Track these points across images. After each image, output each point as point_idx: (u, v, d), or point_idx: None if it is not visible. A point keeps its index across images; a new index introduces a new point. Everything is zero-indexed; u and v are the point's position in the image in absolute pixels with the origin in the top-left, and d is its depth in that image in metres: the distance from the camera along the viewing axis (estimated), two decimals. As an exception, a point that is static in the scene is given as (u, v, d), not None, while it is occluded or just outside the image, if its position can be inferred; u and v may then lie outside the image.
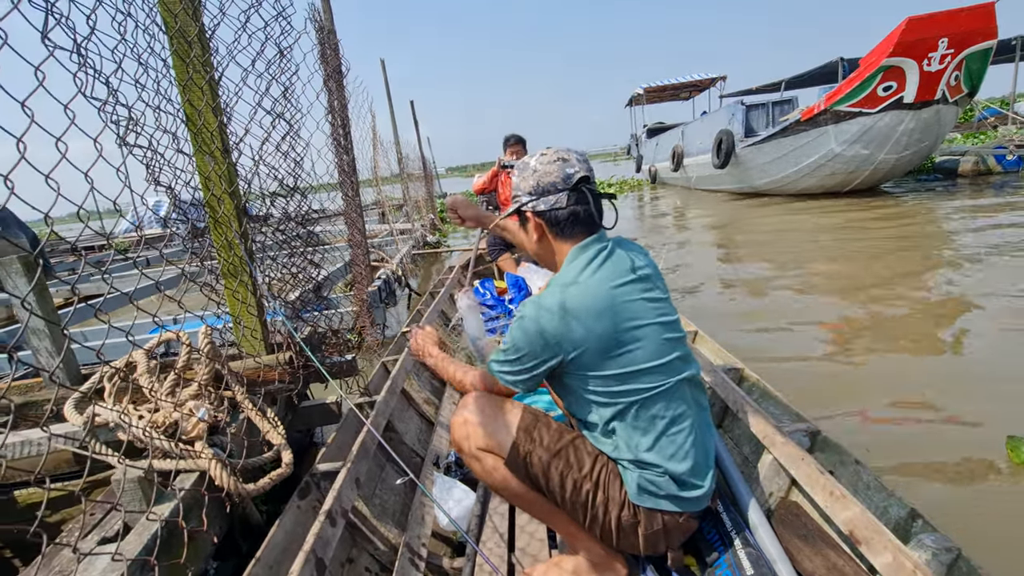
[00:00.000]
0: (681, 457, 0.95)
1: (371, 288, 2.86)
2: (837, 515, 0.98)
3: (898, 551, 0.84)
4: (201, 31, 1.42)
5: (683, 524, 0.99)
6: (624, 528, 0.98)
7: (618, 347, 0.93)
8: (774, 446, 1.22)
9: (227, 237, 1.47)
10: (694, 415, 0.99)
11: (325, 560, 1.04)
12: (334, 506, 1.14)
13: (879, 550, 0.87)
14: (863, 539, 0.91)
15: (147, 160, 1.24)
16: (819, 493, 1.04)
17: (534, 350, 0.96)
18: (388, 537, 1.33)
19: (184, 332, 1.49)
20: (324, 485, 1.33)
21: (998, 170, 8.45)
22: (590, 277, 0.96)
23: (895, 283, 3.56)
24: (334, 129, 2.45)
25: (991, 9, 5.99)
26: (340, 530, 1.14)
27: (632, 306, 0.95)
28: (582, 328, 0.92)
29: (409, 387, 2.02)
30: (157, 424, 1.21)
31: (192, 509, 1.09)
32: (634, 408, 0.95)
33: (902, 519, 0.99)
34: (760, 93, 11.56)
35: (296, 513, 1.22)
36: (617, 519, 0.97)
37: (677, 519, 0.98)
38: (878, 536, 0.88)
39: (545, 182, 1.01)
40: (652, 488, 0.95)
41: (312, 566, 0.99)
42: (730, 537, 1.11)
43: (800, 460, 1.12)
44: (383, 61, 7.08)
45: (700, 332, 2.08)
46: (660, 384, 0.95)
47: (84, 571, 0.85)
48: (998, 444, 1.72)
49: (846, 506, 0.97)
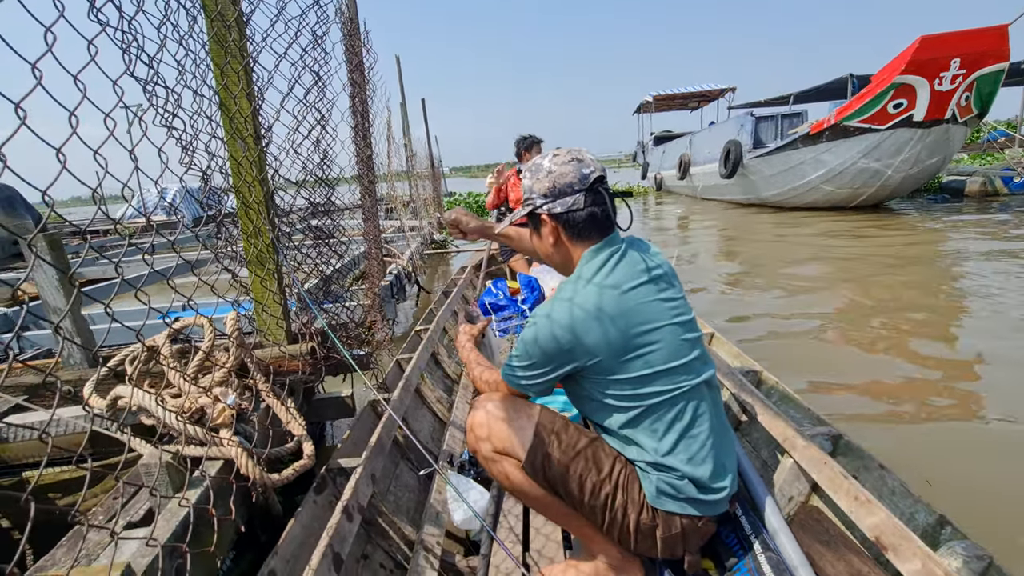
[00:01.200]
0: (700, 460, 0.94)
1: (383, 283, 2.85)
2: (862, 520, 0.96)
3: (928, 558, 0.82)
4: (239, 16, 1.42)
5: (702, 528, 0.98)
6: (642, 531, 0.97)
7: (634, 351, 0.92)
8: (795, 449, 1.20)
9: (256, 224, 1.45)
10: (712, 417, 0.98)
11: (342, 555, 1.03)
12: (351, 501, 1.14)
13: (907, 557, 0.85)
14: (890, 545, 0.89)
15: (183, 143, 1.23)
16: (842, 498, 1.02)
17: (546, 357, 0.94)
18: (403, 534, 1.32)
19: (207, 318, 1.47)
20: (340, 480, 1.32)
21: (1005, 192, 8.49)
22: (603, 280, 0.94)
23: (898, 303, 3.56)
24: (356, 121, 2.44)
25: (1004, 31, 6.02)
26: (356, 525, 1.13)
27: (647, 308, 0.94)
28: (596, 334, 0.90)
29: (423, 385, 2.02)
30: (184, 410, 1.20)
31: (219, 497, 1.08)
32: (653, 412, 0.93)
33: (930, 526, 0.96)
34: (769, 106, 11.61)
35: (313, 507, 1.21)
36: (636, 522, 0.96)
37: (696, 523, 0.96)
38: (906, 543, 0.86)
39: (562, 183, 0.97)
40: (671, 491, 0.94)
41: (330, 560, 0.98)
42: (749, 541, 1.08)
43: (822, 464, 1.10)
44: (398, 58, 7.08)
45: (717, 334, 2.06)
46: (679, 387, 0.93)
47: (115, 555, 0.84)
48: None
49: (871, 511, 0.94)
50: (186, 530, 0.93)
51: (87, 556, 0.91)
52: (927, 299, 3.58)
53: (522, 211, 1.06)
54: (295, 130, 1.58)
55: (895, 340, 2.87)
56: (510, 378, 1.02)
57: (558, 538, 1.26)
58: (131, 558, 0.85)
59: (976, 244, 5.20)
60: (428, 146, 9.90)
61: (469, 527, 1.33)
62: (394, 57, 7.09)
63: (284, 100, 1.55)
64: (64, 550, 0.93)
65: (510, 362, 1.01)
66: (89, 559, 0.91)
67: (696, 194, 12.98)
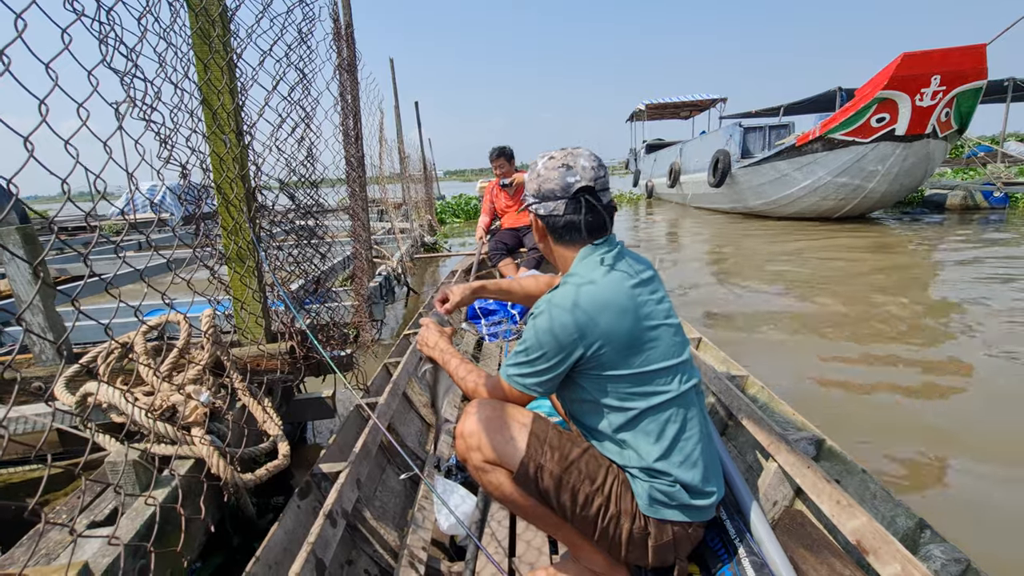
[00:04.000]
0: (692, 464, 0.95)
1: (372, 284, 2.83)
2: (844, 524, 0.97)
3: (907, 561, 0.83)
4: (224, 11, 1.41)
5: (692, 534, 0.98)
6: (634, 541, 0.96)
7: (639, 344, 0.93)
8: (779, 454, 1.21)
9: (237, 220, 1.44)
10: (701, 422, 0.99)
11: (325, 561, 1.02)
12: (335, 506, 1.13)
13: (887, 560, 0.86)
14: (871, 549, 0.90)
15: (162, 137, 1.21)
16: (825, 502, 1.03)
17: (553, 347, 0.93)
18: (388, 540, 1.31)
19: (183, 315, 1.45)
20: (325, 486, 1.31)
21: (985, 205, 8.72)
22: (606, 275, 0.96)
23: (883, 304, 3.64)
24: (344, 119, 2.44)
25: (983, 50, 6.22)
26: (340, 531, 1.12)
27: (647, 306, 0.96)
28: (605, 323, 0.91)
29: (410, 390, 2.01)
30: (155, 407, 1.17)
31: (188, 496, 1.05)
32: (648, 415, 0.94)
33: (910, 529, 0.98)
34: (759, 116, 11.82)
35: (296, 513, 1.20)
36: (628, 532, 0.95)
37: (686, 529, 0.97)
38: (886, 546, 0.87)
39: (546, 188, 1.01)
40: (663, 499, 0.94)
41: (312, 566, 0.97)
42: (734, 545, 1.09)
43: (806, 468, 1.12)
44: (392, 60, 7.09)
45: (704, 339, 2.07)
46: (671, 389, 0.95)
47: (74, 554, 0.82)
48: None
49: (853, 515, 0.96)
50: (151, 530, 0.91)
51: (47, 556, 0.89)
52: (897, 303, 3.66)
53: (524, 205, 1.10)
54: (279, 127, 1.57)
55: (860, 338, 2.92)
56: (514, 379, 0.99)
57: (542, 544, 1.25)
58: (91, 558, 0.83)
59: (953, 254, 5.33)
60: (421, 149, 9.91)
61: (455, 532, 1.32)
62: (388, 60, 7.09)
63: (268, 97, 1.54)
64: (23, 549, 0.90)
65: (512, 361, 0.99)
66: (49, 558, 0.89)
67: (686, 202, 13.14)
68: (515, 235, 3.93)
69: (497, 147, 3.77)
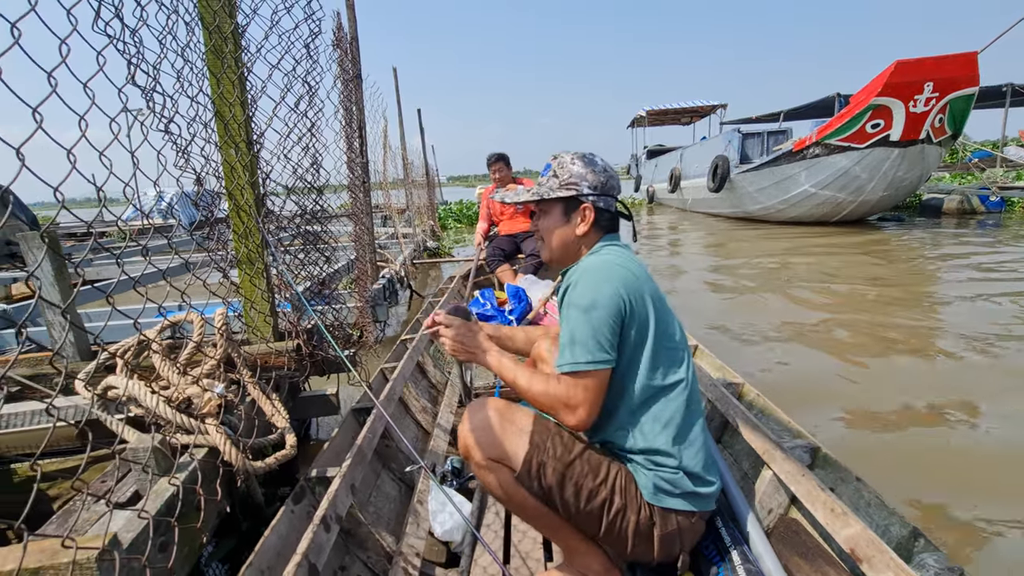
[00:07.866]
0: (696, 451, 0.99)
1: (375, 286, 2.92)
2: (838, 532, 0.97)
3: (900, 570, 0.83)
4: (235, 28, 1.50)
5: (695, 525, 1.01)
6: (640, 532, 0.98)
7: (662, 310, 1.03)
8: (774, 462, 1.21)
9: (247, 224, 1.53)
10: (701, 415, 1.05)
11: (318, 566, 1.01)
12: (329, 511, 1.11)
13: (881, 569, 0.86)
14: (864, 557, 0.90)
15: (179, 147, 1.31)
16: (820, 510, 1.03)
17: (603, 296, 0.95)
18: (382, 545, 1.30)
19: (197, 314, 1.53)
20: (319, 490, 1.31)
21: (981, 210, 8.79)
22: (629, 259, 1.07)
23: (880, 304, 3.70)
24: (348, 127, 2.53)
25: (974, 58, 6.32)
26: (334, 536, 1.11)
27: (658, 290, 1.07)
28: (638, 272, 1.03)
29: (407, 395, 1.99)
30: (171, 400, 1.25)
31: (204, 480, 1.13)
32: (659, 395, 0.99)
33: (904, 538, 0.98)
34: (760, 122, 11.91)
35: (290, 517, 1.19)
36: (635, 524, 0.97)
37: (690, 519, 1.00)
38: (880, 555, 0.87)
39: (610, 184, 1.14)
40: (668, 487, 0.97)
41: (305, 572, 0.96)
42: (728, 553, 1.09)
43: (801, 476, 1.11)
44: (395, 69, 7.23)
45: (700, 346, 2.07)
46: (682, 372, 1.02)
47: (104, 527, 0.89)
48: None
49: (847, 523, 0.96)
50: (172, 508, 0.99)
51: (76, 532, 0.97)
52: (893, 304, 3.72)
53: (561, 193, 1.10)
54: (286, 136, 1.66)
55: (861, 341, 2.99)
56: (576, 365, 0.94)
57: (538, 553, 1.26)
58: (119, 532, 0.91)
59: (950, 257, 5.39)
60: (424, 155, 10.03)
61: (450, 539, 1.32)
62: (391, 69, 7.23)
63: (276, 108, 1.63)
64: (54, 527, 0.98)
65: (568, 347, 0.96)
66: (78, 534, 0.96)
67: (686, 207, 13.22)
68: (512, 241, 4.00)
69: (495, 153, 3.88)
